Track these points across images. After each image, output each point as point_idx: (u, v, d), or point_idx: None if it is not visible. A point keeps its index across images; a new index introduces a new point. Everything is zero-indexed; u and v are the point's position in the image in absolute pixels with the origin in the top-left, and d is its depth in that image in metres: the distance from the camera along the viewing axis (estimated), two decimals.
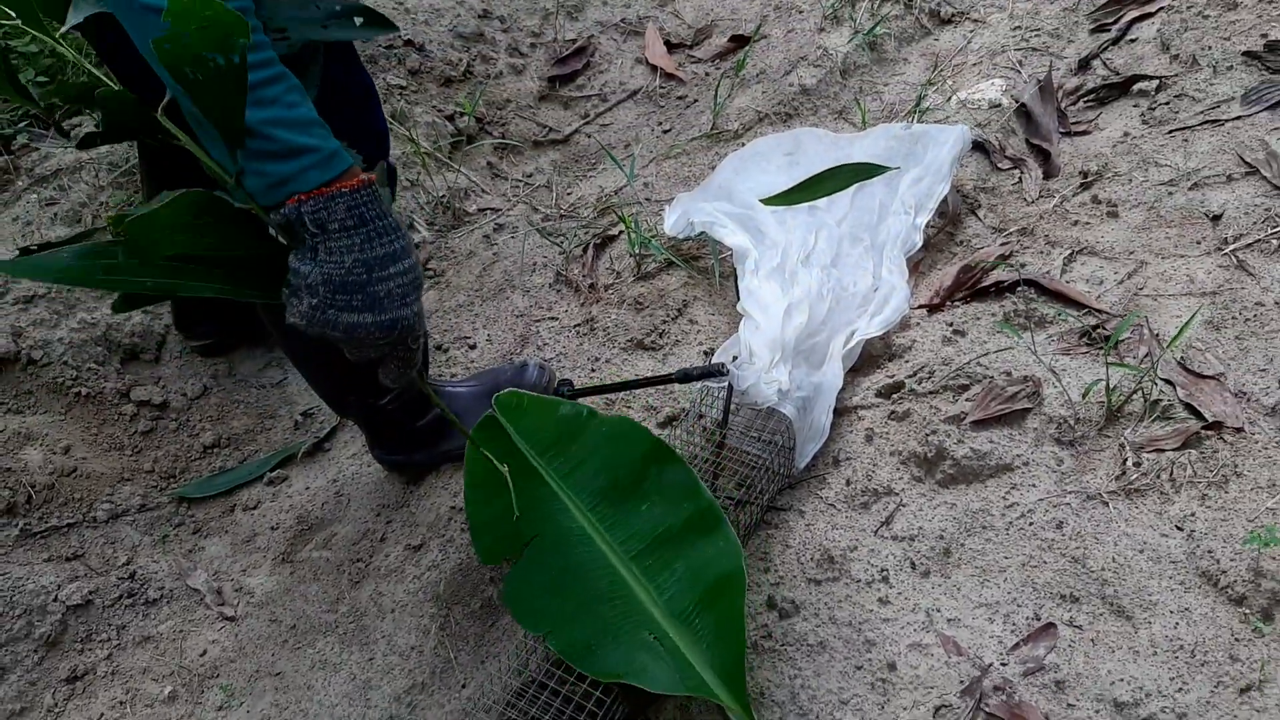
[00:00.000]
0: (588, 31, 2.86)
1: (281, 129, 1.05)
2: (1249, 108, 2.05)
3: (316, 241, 1.08)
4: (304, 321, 1.11)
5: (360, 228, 1.08)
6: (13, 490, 1.80)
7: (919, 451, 1.60)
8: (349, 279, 1.08)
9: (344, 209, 1.07)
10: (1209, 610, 1.33)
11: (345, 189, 1.07)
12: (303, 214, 1.06)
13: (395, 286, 1.12)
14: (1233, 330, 1.64)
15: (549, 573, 1.36)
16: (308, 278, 1.09)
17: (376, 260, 1.10)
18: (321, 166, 1.07)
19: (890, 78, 2.43)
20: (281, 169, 1.05)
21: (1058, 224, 1.96)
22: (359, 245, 1.08)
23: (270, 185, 1.06)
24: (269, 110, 1.04)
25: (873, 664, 1.39)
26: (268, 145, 1.04)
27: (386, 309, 1.11)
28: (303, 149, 1.06)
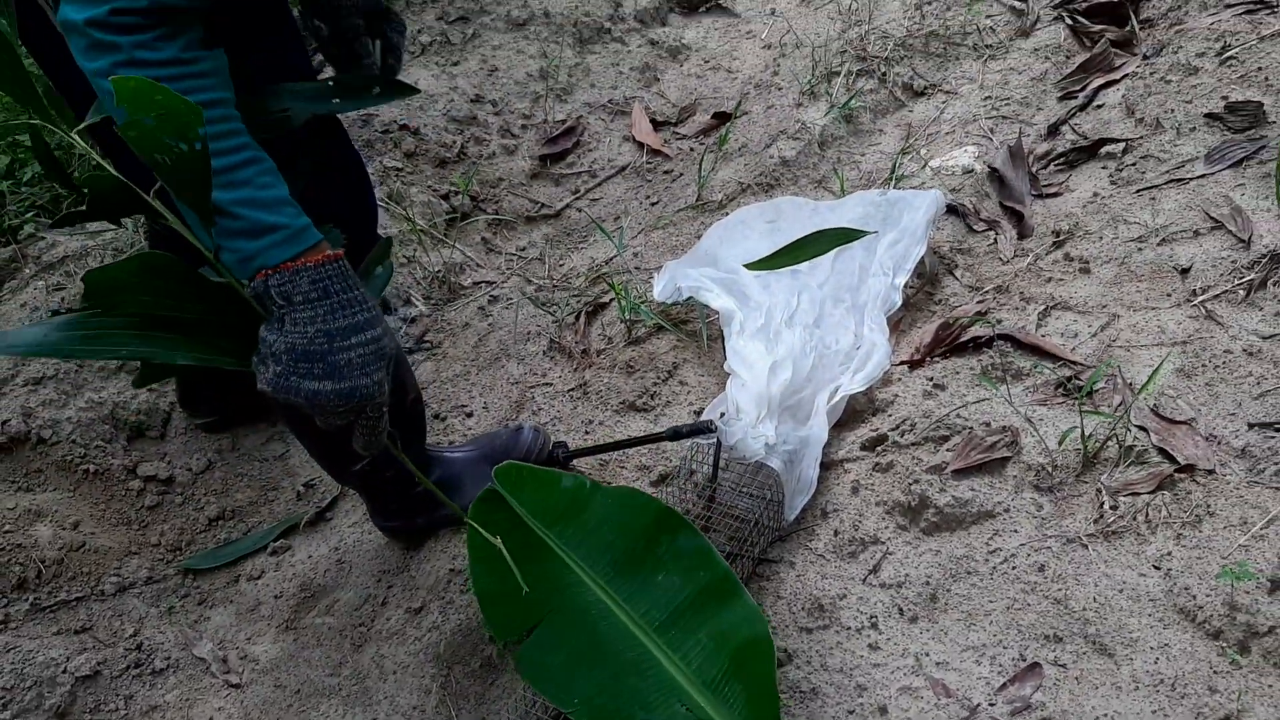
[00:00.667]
0: (576, 112, 2.97)
1: (251, 209, 1.13)
2: (1212, 166, 2.13)
3: (283, 312, 1.15)
4: (270, 388, 1.17)
5: (323, 300, 1.15)
6: (23, 566, 1.84)
7: (903, 501, 1.65)
8: (310, 348, 1.15)
9: (308, 282, 1.15)
10: (1187, 645, 1.37)
11: (310, 264, 1.15)
12: (269, 287, 1.14)
13: (355, 356, 1.17)
14: (1203, 377, 1.70)
15: (572, 647, 1.34)
16: (273, 346, 1.16)
17: (338, 331, 1.16)
18: (288, 243, 1.15)
19: (866, 148, 2.53)
20: (250, 245, 1.13)
21: (1032, 281, 2.03)
22: (321, 316, 1.15)
23: (241, 260, 1.14)
24: (240, 191, 1.13)
25: (865, 708, 1.42)
26: (238, 224, 1.13)
27: (346, 377, 1.16)
28: (271, 227, 1.14)
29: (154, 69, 1.08)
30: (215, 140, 1.11)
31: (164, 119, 1.02)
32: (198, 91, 1.11)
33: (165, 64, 1.10)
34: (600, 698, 1.33)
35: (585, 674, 1.34)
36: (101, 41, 1.08)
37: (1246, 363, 1.70)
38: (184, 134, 1.03)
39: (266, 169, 1.17)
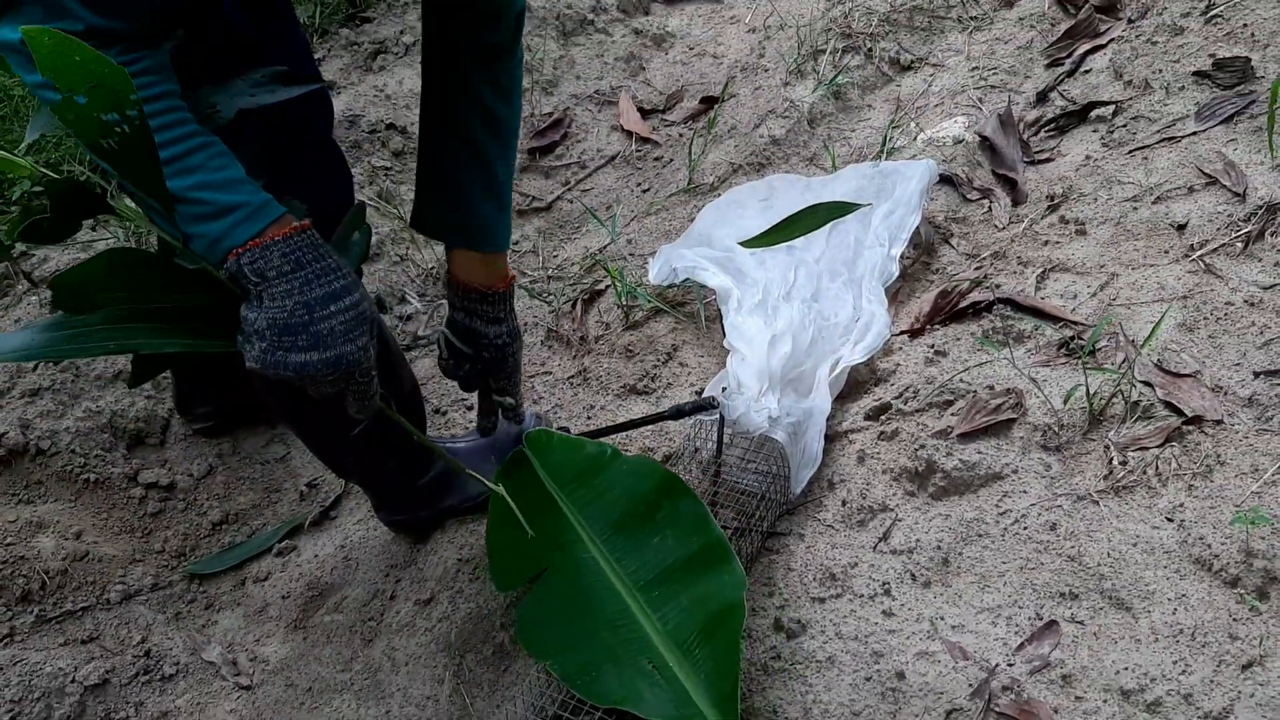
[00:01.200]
0: (563, 104, 2.96)
1: (208, 191, 1.12)
2: (1203, 123, 2.13)
3: (260, 289, 1.14)
4: (258, 365, 1.16)
5: (297, 271, 1.15)
6: (27, 578, 1.82)
7: (910, 467, 1.64)
8: (291, 320, 1.14)
9: (279, 256, 1.14)
10: (1205, 594, 1.36)
11: (279, 237, 1.14)
12: (242, 266, 1.13)
13: (338, 324, 1.17)
14: (1205, 330, 1.69)
15: (559, 601, 1.41)
16: (255, 323, 1.15)
17: (316, 300, 1.15)
18: (252, 219, 1.14)
19: (856, 123, 2.52)
20: (214, 228, 1.13)
21: (1029, 245, 2.02)
22: (298, 288, 1.14)
23: (209, 245, 1.14)
24: (195, 176, 1.12)
25: (881, 675, 1.41)
26: (199, 208, 1.12)
27: (331, 345, 1.16)
28: (231, 206, 1.13)
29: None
30: (163, 130, 1.10)
31: (95, 93, 1.00)
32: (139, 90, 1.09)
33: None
34: (574, 650, 1.38)
35: (565, 627, 1.40)
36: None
37: (1249, 313, 1.69)
38: (119, 106, 1.02)
39: (217, 152, 1.15)
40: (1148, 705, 1.27)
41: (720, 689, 1.30)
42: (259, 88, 1.39)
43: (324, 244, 1.19)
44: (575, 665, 1.36)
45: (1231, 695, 1.24)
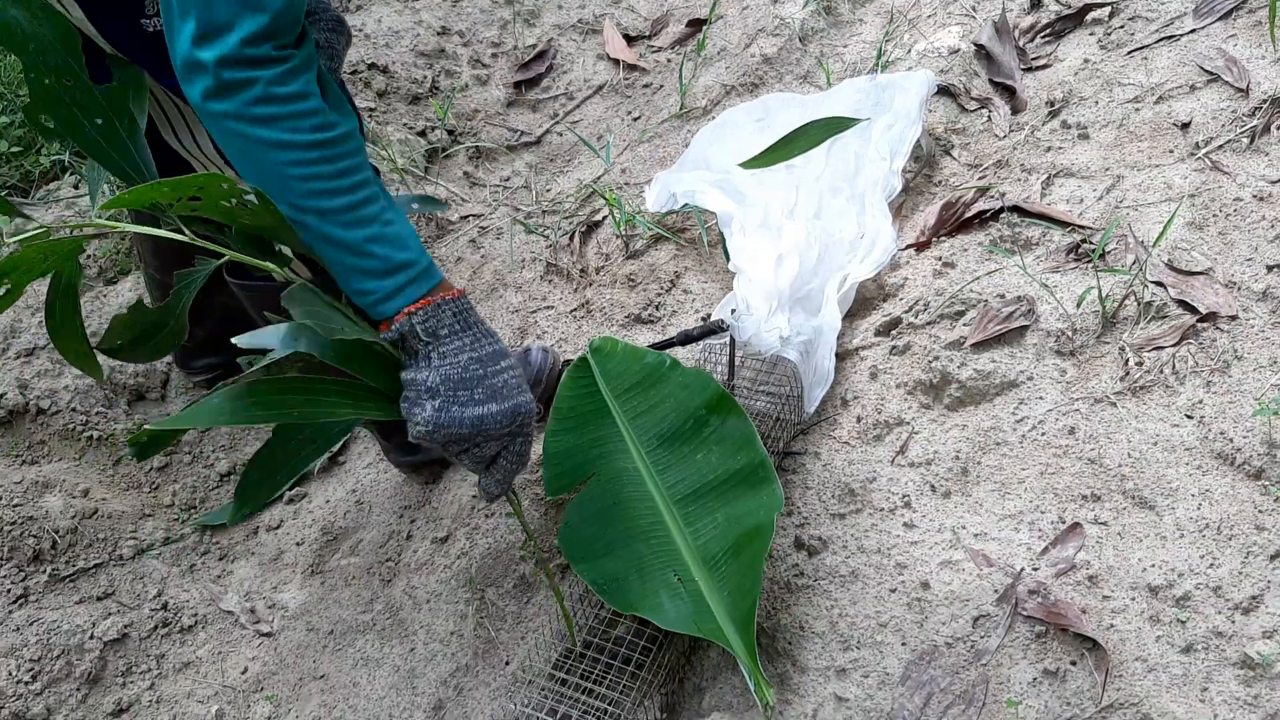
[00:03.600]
0: (546, 35, 2.89)
1: (382, 245, 1.13)
2: (1201, 20, 2.09)
3: (429, 349, 1.17)
4: (430, 427, 1.16)
5: (467, 331, 1.18)
6: (37, 538, 1.80)
7: (924, 379, 1.63)
8: (466, 375, 1.17)
9: (451, 315, 1.17)
10: (1229, 488, 1.35)
11: (449, 297, 1.17)
12: (414, 325, 1.15)
13: (511, 378, 1.20)
14: (1215, 227, 1.67)
15: (597, 508, 1.43)
16: (426, 382, 1.17)
17: (488, 356, 1.19)
18: (422, 279, 1.16)
19: (849, 39, 2.47)
20: (385, 285, 1.14)
21: (1031, 152, 1.99)
22: (470, 345, 1.18)
23: (377, 302, 1.15)
24: (370, 228, 1.13)
25: (906, 585, 1.41)
26: (370, 262, 1.13)
27: (508, 397, 1.19)
28: (404, 264, 1.15)
29: (288, 104, 1.06)
30: (345, 176, 1.10)
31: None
32: (328, 128, 1.09)
33: (297, 98, 1.07)
34: (604, 557, 1.41)
35: (599, 533, 1.42)
36: (232, 81, 1.04)
37: (1258, 208, 1.67)
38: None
39: (389, 203, 1.16)
40: (1176, 600, 1.27)
41: (741, 606, 1.30)
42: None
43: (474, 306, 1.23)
44: (604, 572, 1.38)
45: (1261, 584, 1.24)
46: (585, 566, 1.38)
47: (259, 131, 1.05)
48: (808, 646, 1.38)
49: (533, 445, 1.27)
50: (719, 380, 1.71)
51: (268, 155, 1.06)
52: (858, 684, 1.33)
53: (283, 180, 1.08)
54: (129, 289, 2.21)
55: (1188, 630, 1.24)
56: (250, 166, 1.09)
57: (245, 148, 1.07)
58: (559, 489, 1.50)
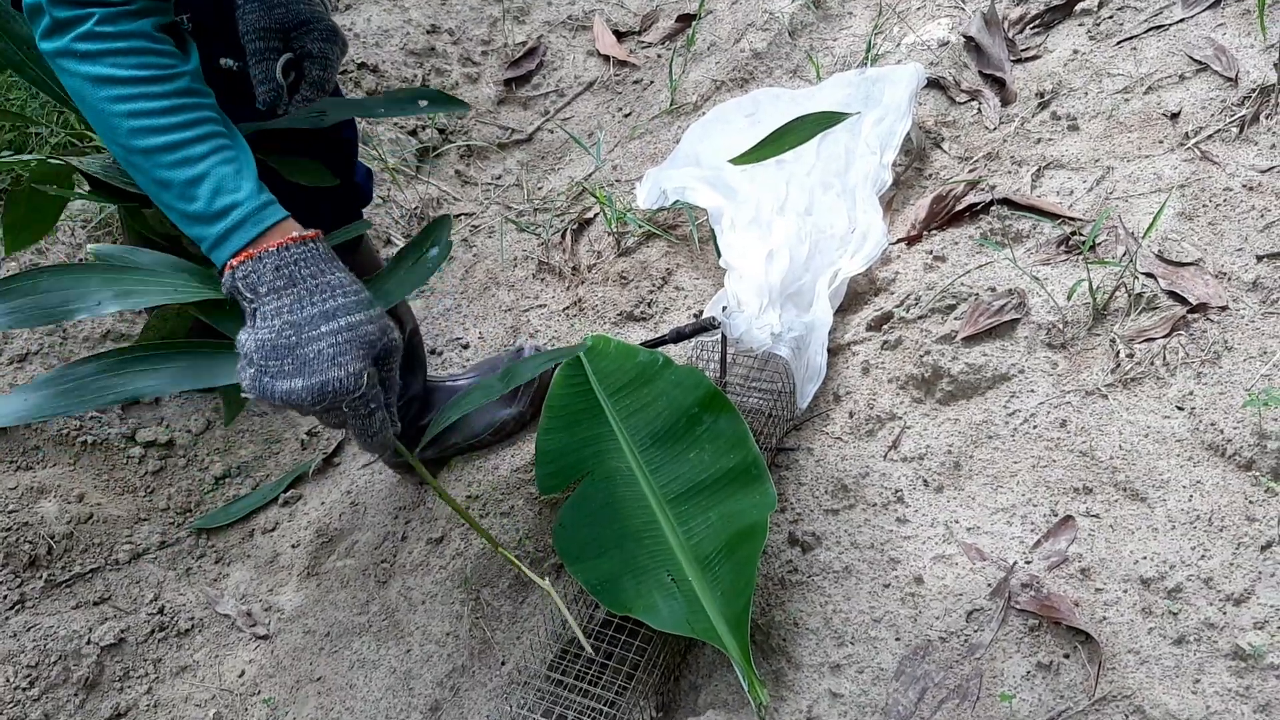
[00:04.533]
0: (536, 32, 2.89)
1: (205, 185, 1.05)
2: (1190, 9, 2.08)
3: (253, 307, 1.07)
4: (251, 394, 1.08)
5: (290, 288, 1.06)
6: (33, 544, 1.80)
7: (916, 374, 1.63)
8: (279, 342, 1.05)
9: (272, 270, 1.06)
10: (1220, 479, 1.35)
11: (272, 248, 1.05)
12: (235, 280, 1.06)
13: (326, 346, 1.06)
14: (1205, 217, 1.67)
15: (590, 508, 1.43)
16: (244, 346, 1.07)
17: (307, 320, 1.06)
18: (247, 224, 1.06)
19: (838, 32, 2.47)
20: (210, 231, 1.05)
21: (1021, 144, 1.99)
22: (288, 307, 1.06)
23: (207, 250, 1.07)
24: (194, 168, 1.04)
25: (900, 581, 1.41)
26: (193, 206, 1.05)
27: (316, 371, 1.06)
28: (227, 208, 1.05)
29: (114, 40, 1.02)
30: (172, 114, 1.04)
31: None
32: (158, 68, 1.04)
33: (125, 35, 1.03)
34: (598, 557, 1.41)
35: (592, 533, 1.43)
36: (63, 19, 1.01)
37: (1248, 198, 1.67)
38: None
39: (232, 146, 1.08)
40: (1168, 592, 1.27)
41: (734, 606, 1.31)
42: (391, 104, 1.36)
43: (328, 257, 1.10)
44: (598, 573, 1.38)
45: (1252, 576, 1.25)
46: (580, 567, 1.39)
47: (83, 67, 1.02)
48: (802, 643, 1.38)
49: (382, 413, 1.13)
50: (711, 378, 1.72)
51: (92, 91, 1.02)
52: (852, 679, 1.33)
53: (106, 117, 1.03)
54: None
55: (1180, 622, 1.25)
56: (82, 106, 1.05)
57: (73, 86, 1.04)
58: (551, 488, 1.51)
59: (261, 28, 1.25)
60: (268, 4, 1.26)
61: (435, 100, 1.38)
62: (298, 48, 1.29)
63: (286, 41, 1.28)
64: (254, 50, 1.26)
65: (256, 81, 1.26)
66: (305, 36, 1.29)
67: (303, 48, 1.29)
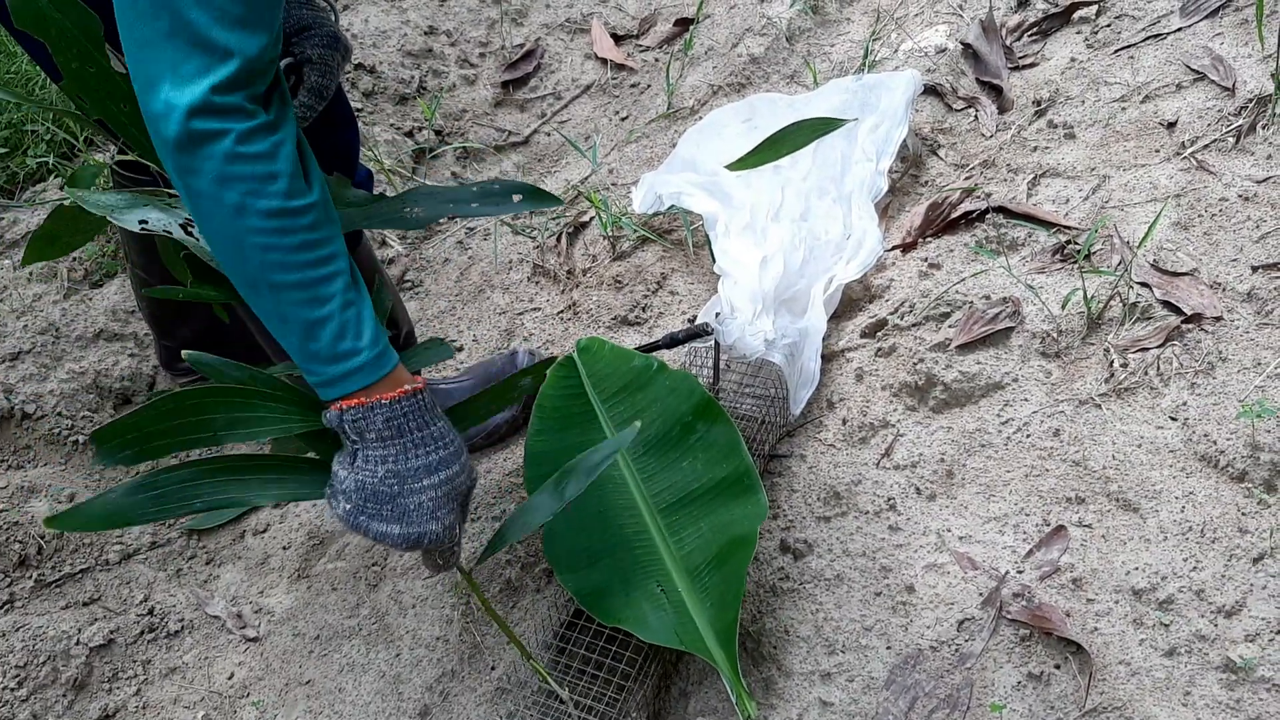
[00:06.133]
0: (534, 35, 2.89)
1: (329, 329, 1.05)
2: (1188, 18, 2.09)
3: (355, 448, 1.11)
4: (344, 527, 1.14)
5: (396, 439, 1.10)
6: (23, 543, 1.80)
7: (910, 381, 1.62)
8: (380, 488, 1.11)
9: (382, 420, 1.09)
10: (1213, 491, 1.35)
11: (385, 400, 1.09)
12: (344, 421, 1.09)
13: (426, 499, 1.12)
14: (1200, 227, 1.67)
15: (581, 516, 1.41)
16: (344, 483, 1.12)
17: (410, 472, 1.11)
18: (364, 371, 1.07)
19: (836, 38, 2.47)
20: (326, 371, 1.07)
21: (1018, 152, 1.99)
22: (394, 456, 1.10)
23: (317, 386, 1.09)
24: (321, 309, 1.04)
25: (891, 589, 1.41)
26: (314, 345, 1.05)
27: (414, 522, 1.12)
28: (347, 353, 1.06)
29: (255, 163, 0.98)
30: (306, 250, 1.02)
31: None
32: (295, 195, 1.01)
33: (265, 158, 0.98)
34: (587, 565, 1.40)
35: (582, 542, 1.41)
36: (202, 132, 0.95)
37: (1243, 208, 1.67)
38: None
39: (350, 284, 1.07)
40: (1160, 603, 1.27)
41: (723, 618, 1.30)
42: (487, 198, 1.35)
43: (431, 407, 1.14)
44: (587, 582, 1.37)
45: (1244, 589, 1.24)
46: (569, 576, 1.38)
47: (221, 192, 0.97)
48: (792, 651, 1.38)
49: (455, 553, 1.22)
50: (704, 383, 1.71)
51: (227, 219, 0.99)
52: (842, 688, 1.33)
53: (240, 248, 1.01)
54: (114, 292, 2.21)
55: (1171, 634, 1.24)
56: (208, 227, 1.01)
57: (206, 208, 0.99)
58: None
59: None
60: None
61: (530, 195, 1.37)
62: (298, 53, 1.28)
63: (287, 46, 1.28)
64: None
65: None
66: (306, 42, 1.28)
67: (303, 53, 1.28)
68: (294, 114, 1.09)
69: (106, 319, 2.14)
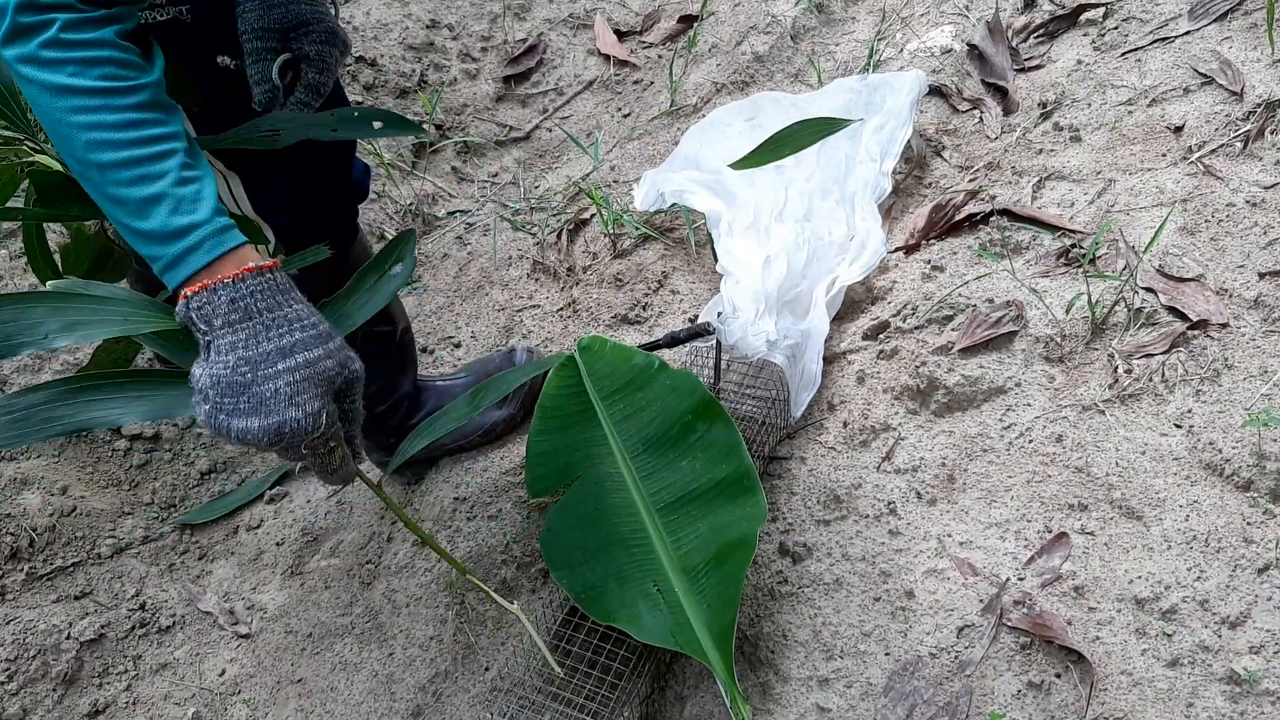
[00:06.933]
0: (536, 30, 2.87)
1: (163, 205, 1.00)
2: (1196, 22, 2.07)
3: (207, 339, 1.02)
4: (207, 430, 1.04)
5: (245, 321, 1.02)
6: (14, 536, 1.78)
7: (911, 385, 1.61)
8: (235, 379, 1.01)
9: (227, 302, 1.01)
10: (1217, 499, 1.34)
11: (228, 279, 1.01)
12: (190, 310, 1.01)
13: (283, 384, 1.02)
14: (1207, 233, 1.66)
15: (578, 514, 1.41)
16: (199, 380, 1.03)
17: (263, 357, 1.02)
18: (204, 247, 1.01)
19: (841, 37, 2.45)
20: (165, 251, 1.01)
21: (1023, 155, 1.97)
22: (244, 342, 1.01)
23: (160, 272, 1.02)
24: (152, 186, 1.00)
25: (891, 594, 1.39)
26: (148, 224, 1.00)
27: (271, 411, 1.02)
28: (184, 229, 1.00)
29: (77, 49, 0.97)
30: (132, 128, 0.99)
31: None
32: (121, 79, 0.99)
33: (89, 44, 0.98)
34: (584, 565, 1.39)
35: (579, 540, 1.40)
36: (27, 25, 0.97)
37: (1251, 214, 1.65)
38: None
39: (186, 163, 1.03)
40: (1163, 613, 1.26)
41: (720, 620, 1.29)
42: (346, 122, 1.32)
43: (286, 288, 1.06)
44: (583, 580, 1.36)
45: (1249, 599, 1.23)
46: (564, 574, 1.37)
47: (44, 75, 0.97)
48: (790, 655, 1.36)
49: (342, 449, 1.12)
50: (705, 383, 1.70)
51: (51, 102, 0.98)
52: (840, 694, 1.31)
53: (64, 128, 0.99)
54: None
55: (1174, 644, 1.23)
56: (40, 115, 1.01)
57: (31, 94, 0.99)
58: (542, 490, 1.49)
59: (260, 27, 1.23)
60: (267, 4, 1.23)
61: (390, 123, 1.32)
62: (296, 49, 1.26)
63: (285, 42, 1.26)
64: (251, 50, 1.23)
65: (253, 81, 1.23)
66: (304, 38, 1.26)
67: (300, 49, 1.26)
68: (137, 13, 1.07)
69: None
